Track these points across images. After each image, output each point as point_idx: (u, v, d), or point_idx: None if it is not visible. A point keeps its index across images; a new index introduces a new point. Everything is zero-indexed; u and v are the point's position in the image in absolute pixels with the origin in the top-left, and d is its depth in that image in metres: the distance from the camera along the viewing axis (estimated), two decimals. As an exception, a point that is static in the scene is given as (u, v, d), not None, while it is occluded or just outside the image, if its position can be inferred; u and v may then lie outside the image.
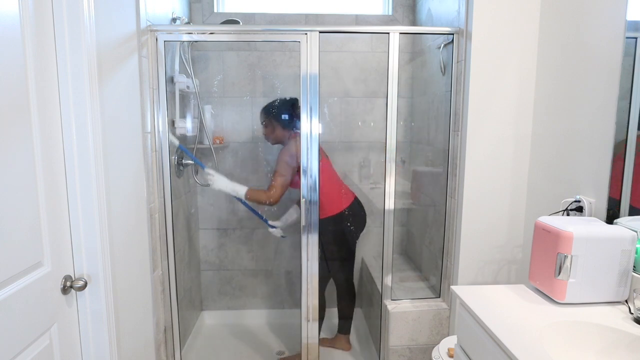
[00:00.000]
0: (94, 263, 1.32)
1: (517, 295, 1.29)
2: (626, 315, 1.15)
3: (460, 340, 1.32)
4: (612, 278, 1.21)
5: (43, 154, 1.14)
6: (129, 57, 1.59)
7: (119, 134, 1.49)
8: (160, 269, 1.94)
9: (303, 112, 1.85)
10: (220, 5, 2.66)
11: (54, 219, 1.20)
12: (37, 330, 1.12)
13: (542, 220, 1.30)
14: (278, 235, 2.47)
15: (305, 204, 1.93)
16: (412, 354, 2.02)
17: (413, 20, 2.66)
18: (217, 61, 2.62)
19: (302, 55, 1.81)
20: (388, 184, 1.92)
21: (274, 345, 2.56)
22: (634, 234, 1.20)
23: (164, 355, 1.99)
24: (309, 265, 1.97)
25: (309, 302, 2.01)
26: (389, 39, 1.83)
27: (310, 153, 1.89)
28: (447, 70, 2.01)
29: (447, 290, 2.02)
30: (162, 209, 1.92)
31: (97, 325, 1.34)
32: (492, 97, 1.75)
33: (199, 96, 2.45)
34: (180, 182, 2.34)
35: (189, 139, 2.43)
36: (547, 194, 1.67)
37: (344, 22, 2.64)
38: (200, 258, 2.81)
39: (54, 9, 1.19)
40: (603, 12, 1.36)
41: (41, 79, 1.14)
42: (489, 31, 1.71)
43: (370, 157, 2.76)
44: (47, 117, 1.16)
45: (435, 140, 2.24)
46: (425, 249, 2.44)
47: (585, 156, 1.44)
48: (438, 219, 2.14)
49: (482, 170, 1.80)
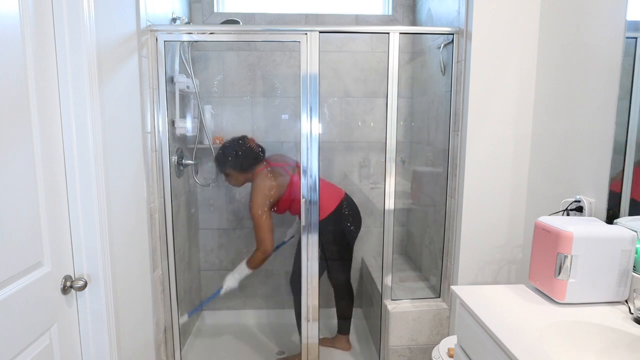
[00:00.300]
0: (94, 263, 1.32)
1: (517, 295, 1.29)
2: (626, 315, 1.15)
3: (460, 340, 1.32)
4: (612, 278, 1.21)
5: (43, 154, 1.14)
6: (129, 57, 1.59)
7: (119, 134, 1.49)
8: (160, 269, 1.94)
9: (303, 112, 1.85)
10: (220, 5, 2.66)
11: (54, 219, 1.20)
12: (37, 330, 1.12)
13: (542, 220, 1.30)
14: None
15: (305, 204, 1.93)
16: (412, 354, 2.02)
17: (413, 20, 2.66)
18: (217, 61, 2.62)
19: (302, 55, 1.81)
20: (388, 184, 1.92)
21: (274, 345, 2.56)
22: (634, 234, 1.20)
23: (164, 355, 1.99)
24: (309, 265, 1.97)
25: (309, 302, 2.01)
26: (389, 39, 1.83)
27: (310, 153, 1.89)
28: (447, 70, 2.01)
29: (447, 290, 2.02)
30: (162, 209, 1.92)
31: (97, 325, 1.35)
32: (492, 97, 1.75)
33: (199, 96, 2.45)
34: (180, 182, 2.34)
35: (189, 139, 2.43)
36: (547, 194, 1.67)
37: (344, 22, 2.64)
38: (200, 258, 2.81)
39: (54, 9, 1.19)
40: (603, 12, 1.36)
41: (41, 79, 1.14)
42: (489, 31, 1.71)
43: (370, 157, 2.76)
44: (47, 117, 1.16)
45: (435, 140, 2.24)
46: (425, 249, 2.44)
47: (585, 156, 1.44)
48: (438, 219, 2.14)
49: (482, 170, 1.80)
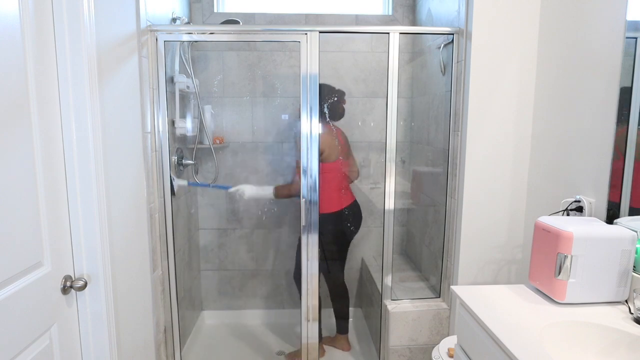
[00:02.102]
0: (94, 263, 1.32)
1: (517, 295, 1.29)
2: (626, 315, 1.15)
3: (460, 340, 1.32)
4: (612, 278, 1.21)
5: (43, 154, 1.14)
6: (129, 57, 1.59)
7: (119, 134, 1.49)
8: (160, 269, 1.94)
9: (303, 112, 1.85)
10: (220, 5, 2.66)
11: (54, 219, 1.20)
12: (37, 331, 1.12)
13: (542, 220, 1.30)
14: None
15: (305, 204, 1.93)
16: (412, 354, 2.02)
17: (413, 20, 2.66)
18: (217, 61, 2.62)
19: (302, 55, 1.81)
20: (388, 184, 1.92)
21: (274, 345, 2.56)
22: (634, 234, 1.20)
23: (164, 355, 1.99)
24: (309, 265, 1.97)
25: (309, 302, 2.01)
26: (389, 39, 1.83)
27: (310, 153, 1.89)
28: (447, 70, 2.01)
29: (447, 290, 2.02)
30: (162, 209, 1.92)
31: (97, 325, 1.35)
32: (492, 97, 1.75)
33: (199, 96, 2.45)
34: (180, 182, 2.34)
35: (189, 139, 2.43)
36: (547, 194, 1.67)
37: (344, 22, 2.64)
38: (200, 258, 2.81)
39: (54, 9, 1.19)
40: (603, 12, 1.36)
41: (41, 79, 1.14)
42: (489, 31, 1.71)
43: (370, 157, 2.76)
44: (47, 117, 1.16)
45: (435, 140, 2.24)
46: (425, 249, 2.44)
47: (585, 156, 1.44)
48: (438, 219, 2.14)
49: (482, 170, 1.80)
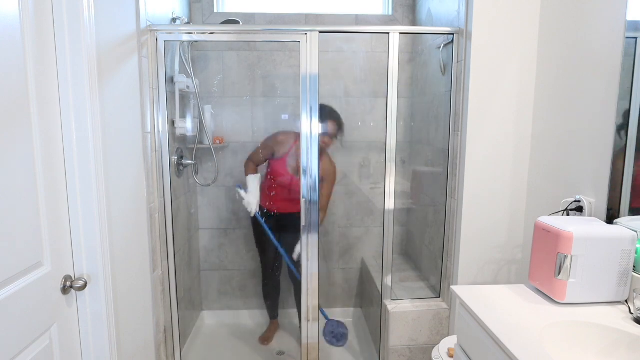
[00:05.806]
0: (94, 263, 1.32)
1: (517, 295, 1.29)
2: (626, 315, 1.15)
3: (460, 340, 1.32)
4: (612, 278, 1.21)
5: (43, 154, 1.14)
6: (129, 57, 1.59)
7: (119, 134, 1.49)
8: (160, 269, 1.94)
9: (303, 112, 1.85)
10: (220, 5, 2.66)
11: (54, 219, 1.20)
12: (37, 331, 1.12)
13: (542, 220, 1.30)
14: None
15: (305, 204, 1.93)
16: (412, 354, 2.02)
17: (413, 20, 2.65)
18: (217, 61, 2.62)
19: (302, 55, 1.81)
20: (388, 184, 1.92)
21: (274, 345, 2.56)
22: (634, 234, 1.20)
23: (164, 355, 1.99)
24: (309, 265, 1.97)
25: (308, 302, 2.01)
26: (389, 39, 1.83)
27: (310, 153, 1.89)
28: (447, 70, 2.00)
29: (447, 290, 2.02)
30: (162, 209, 1.92)
31: (97, 325, 1.35)
32: (492, 97, 1.75)
33: (199, 96, 2.45)
34: (180, 182, 2.34)
35: (189, 139, 2.43)
36: (547, 194, 1.67)
37: (344, 22, 2.64)
38: (200, 258, 2.81)
39: (54, 9, 1.19)
40: (603, 12, 1.36)
41: (41, 79, 1.14)
42: (489, 31, 1.71)
43: (370, 157, 2.75)
44: (47, 117, 1.16)
45: (435, 140, 2.24)
46: (425, 249, 2.44)
47: (585, 156, 1.44)
48: (438, 219, 2.14)
49: (482, 170, 1.80)
